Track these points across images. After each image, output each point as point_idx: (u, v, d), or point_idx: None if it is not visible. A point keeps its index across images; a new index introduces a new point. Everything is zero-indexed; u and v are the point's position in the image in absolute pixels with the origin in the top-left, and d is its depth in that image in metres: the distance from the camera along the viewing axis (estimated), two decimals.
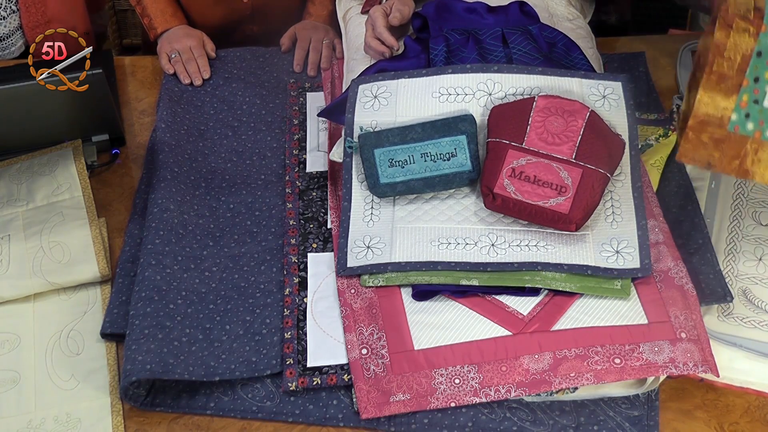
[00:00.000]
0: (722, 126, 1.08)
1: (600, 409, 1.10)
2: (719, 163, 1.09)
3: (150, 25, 1.61)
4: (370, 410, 1.09)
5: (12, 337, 1.21)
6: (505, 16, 1.36)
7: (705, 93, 1.07)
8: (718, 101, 1.08)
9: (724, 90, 1.07)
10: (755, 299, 1.17)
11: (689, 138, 1.09)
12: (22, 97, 1.34)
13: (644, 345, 1.09)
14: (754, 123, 1.08)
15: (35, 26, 1.62)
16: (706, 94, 1.07)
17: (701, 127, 1.08)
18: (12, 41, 1.62)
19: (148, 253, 1.25)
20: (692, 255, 1.20)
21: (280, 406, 1.12)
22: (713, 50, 1.07)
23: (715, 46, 1.06)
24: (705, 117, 1.08)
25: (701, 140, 1.09)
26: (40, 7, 1.60)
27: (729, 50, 1.07)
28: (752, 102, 1.07)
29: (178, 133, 1.45)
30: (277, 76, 1.58)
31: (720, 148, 1.09)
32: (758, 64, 1.07)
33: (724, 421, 1.10)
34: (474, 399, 1.09)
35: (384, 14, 1.34)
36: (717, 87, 1.07)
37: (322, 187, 1.36)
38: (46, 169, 1.39)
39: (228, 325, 1.19)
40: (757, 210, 1.27)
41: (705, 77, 1.07)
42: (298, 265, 1.25)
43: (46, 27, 1.62)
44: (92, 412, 1.13)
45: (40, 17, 1.61)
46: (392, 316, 1.16)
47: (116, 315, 1.21)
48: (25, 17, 1.60)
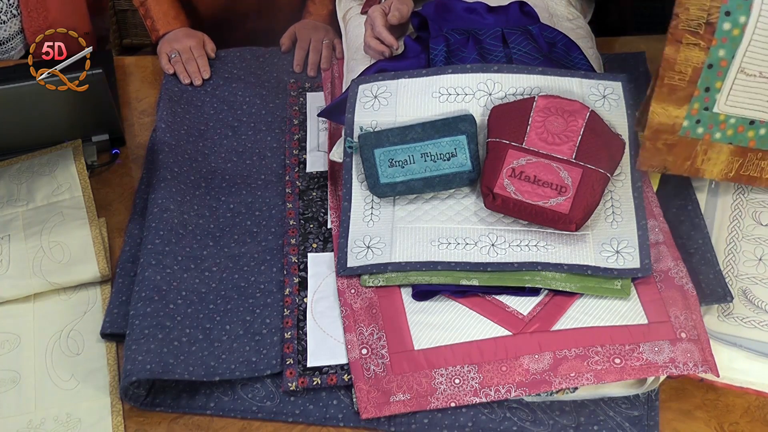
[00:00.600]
0: (674, 132, 1.17)
1: (600, 409, 1.10)
2: (673, 165, 1.19)
3: (152, 27, 1.62)
4: (370, 410, 1.09)
5: (12, 337, 1.21)
6: (505, 16, 1.37)
7: (657, 105, 1.16)
8: (671, 111, 1.16)
9: (675, 101, 1.15)
10: (755, 299, 1.17)
11: (646, 147, 1.18)
12: (22, 97, 1.34)
13: (644, 345, 1.09)
14: (704, 127, 1.16)
15: (37, 31, 1.62)
16: (658, 105, 1.16)
17: (656, 135, 1.17)
18: (12, 45, 1.62)
19: (148, 253, 1.25)
20: (692, 255, 1.20)
21: (280, 406, 1.12)
22: (663, 65, 1.14)
23: (666, 61, 1.14)
24: (658, 126, 1.17)
25: (657, 147, 1.18)
26: (42, 12, 1.60)
27: (679, 64, 1.14)
28: (702, 109, 1.16)
29: (178, 133, 1.45)
30: (277, 76, 1.58)
31: (673, 152, 1.18)
32: (709, 75, 1.14)
33: (724, 421, 1.10)
34: (474, 399, 1.09)
35: (383, 13, 1.34)
36: (668, 98, 1.15)
37: (322, 187, 1.36)
38: (46, 169, 1.39)
39: (228, 325, 1.19)
40: (757, 210, 1.27)
41: (657, 90, 1.15)
42: (298, 265, 1.25)
43: None
44: (92, 412, 1.13)
45: (42, 22, 1.60)
46: (392, 316, 1.16)
47: (116, 315, 1.21)
48: (27, 22, 1.60)
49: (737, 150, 1.18)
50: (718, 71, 1.14)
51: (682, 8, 1.13)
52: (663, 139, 1.18)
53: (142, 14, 1.63)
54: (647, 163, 1.20)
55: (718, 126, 1.17)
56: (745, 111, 1.16)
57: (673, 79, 1.14)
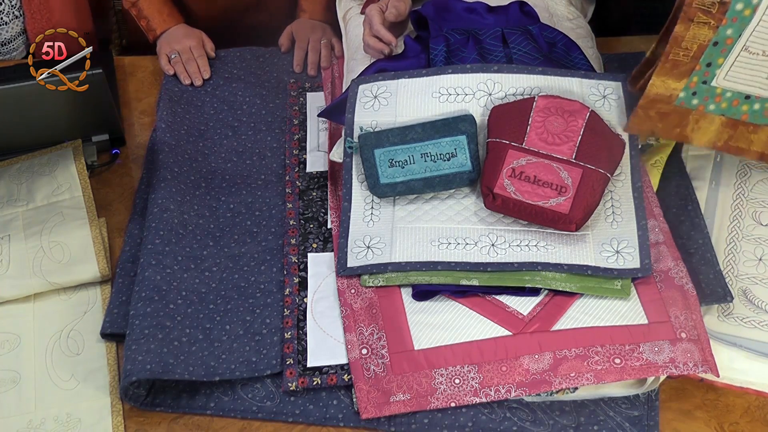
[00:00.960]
0: (669, 103, 1.18)
1: (600, 409, 1.10)
2: (662, 131, 1.21)
3: (148, 27, 1.61)
4: (370, 410, 1.09)
5: (12, 337, 1.21)
6: (505, 16, 1.36)
7: (658, 78, 1.17)
8: (669, 83, 1.17)
9: (676, 75, 1.17)
10: (755, 299, 1.17)
11: (638, 114, 1.19)
12: (22, 97, 1.34)
13: (644, 345, 1.09)
14: (699, 99, 1.18)
15: (40, 32, 1.61)
16: (658, 78, 1.17)
17: (650, 104, 1.18)
18: (14, 46, 1.62)
19: (148, 253, 1.25)
20: (692, 255, 1.20)
21: (280, 406, 1.12)
22: (671, 42, 1.15)
23: (674, 38, 1.15)
24: (655, 96, 1.18)
25: (648, 115, 1.19)
26: (45, 14, 1.60)
27: (687, 41, 1.15)
28: (701, 83, 1.17)
29: (178, 133, 1.45)
30: (277, 76, 1.58)
31: (664, 120, 1.19)
32: (713, 52, 1.15)
33: (724, 421, 1.10)
34: (474, 399, 1.09)
35: (380, 11, 1.34)
36: (670, 72, 1.17)
37: (322, 187, 1.36)
38: (46, 169, 1.39)
39: (228, 325, 1.19)
40: (757, 210, 1.27)
41: (660, 65, 1.16)
42: (298, 265, 1.25)
43: None
44: (92, 412, 1.13)
45: (45, 23, 1.60)
46: (392, 316, 1.16)
47: (116, 315, 1.21)
48: (30, 23, 1.60)
49: (729, 122, 1.19)
50: (722, 48, 1.15)
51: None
52: (657, 108, 1.19)
53: (135, 15, 1.61)
54: (637, 127, 1.21)
55: (713, 98, 1.18)
56: (742, 86, 1.17)
57: (678, 55, 1.16)
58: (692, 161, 1.34)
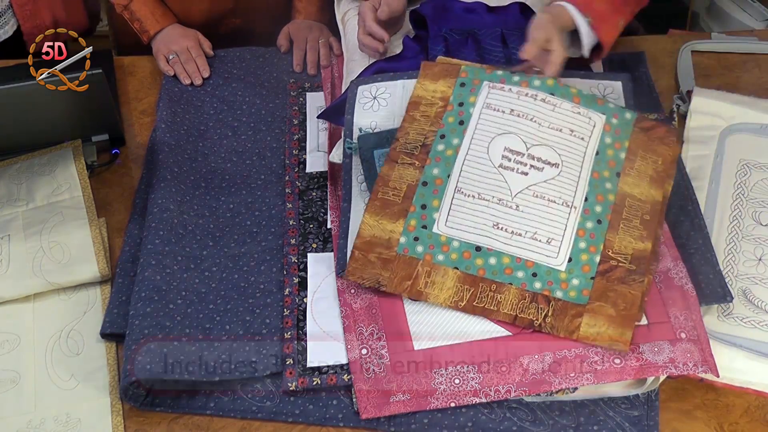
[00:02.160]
0: (390, 248, 1.16)
1: (600, 409, 1.10)
2: (389, 282, 1.15)
3: (142, 29, 1.60)
4: (370, 410, 1.09)
5: (12, 337, 1.21)
6: (504, 17, 1.36)
7: (370, 217, 1.17)
8: (385, 224, 1.17)
9: (390, 215, 1.17)
10: (755, 299, 1.18)
11: (356, 257, 1.16)
12: (22, 97, 1.34)
13: (644, 345, 1.09)
14: (424, 246, 1.15)
15: (24, 4, 1.60)
16: (371, 218, 1.17)
17: (368, 247, 1.16)
18: (5, 20, 1.61)
19: (148, 253, 1.25)
20: (692, 255, 1.20)
21: (280, 406, 1.12)
22: (378, 181, 1.18)
23: (380, 177, 1.18)
24: (371, 238, 1.16)
25: (369, 260, 1.16)
26: None
27: (394, 180, 1.18)
28: (420, 227, 1.16)
29: (178, 133, 1.45)
30: (277, 76, 1.58)
31: (389, 268, 1.15)
32: (424, 192, 1.17)
33: (724, 421, 1.10)
34: (474, 399, 1.09)
35: (373, 9, 1.34)
36: (382, 212, 1.17)
37: (322, 187, 1.36)
38: (46, 169, 1.39)
39: (228, 325, 1.19)
40: (757, 210, 1.27)
41: (370, 203, 1.17)
42: (298, 265, 1.25)
43: (34, 6, 1.61)
44: (92, 412, 1.13)
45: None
46: (392, 316, 1.16)
47: (116, 315, 1.21)
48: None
49: (466, 278, 1.14)
50: (433, 189, 1.17)
51: (403, 133, 1.20)
52: (377, 252, 1.16)
53: (128, 18, 1.60)
54: (357, 273, 1.16)
55: (440, 247, 1.15)
56: (468, 235, 1.15)
57: (387, 194, 1.18)
58: (692, 161, 1.34)
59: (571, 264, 1.14)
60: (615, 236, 1.15)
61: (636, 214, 1.17)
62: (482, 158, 1.18)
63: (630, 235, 1.15)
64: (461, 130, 1.20)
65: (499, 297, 1.13)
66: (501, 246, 1.15)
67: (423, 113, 1.23)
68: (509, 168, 1.17)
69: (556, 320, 1.11)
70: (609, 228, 1.16)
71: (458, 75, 1.25)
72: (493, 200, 1.16)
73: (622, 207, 1.17)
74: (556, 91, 1.22)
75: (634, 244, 1.15)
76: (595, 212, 1.16)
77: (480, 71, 1.25)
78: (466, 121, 1.21)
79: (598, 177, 1.18)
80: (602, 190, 1.18)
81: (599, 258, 1.14)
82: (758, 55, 1.56)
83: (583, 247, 1.14)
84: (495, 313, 1.13)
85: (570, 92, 1.22)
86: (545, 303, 1.12)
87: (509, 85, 1.23)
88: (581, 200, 1.17)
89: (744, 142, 1.36)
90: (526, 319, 1.12)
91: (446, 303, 1.14)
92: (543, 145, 1.19)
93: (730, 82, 1.51)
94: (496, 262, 1.14)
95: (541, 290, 1.13)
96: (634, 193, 1.18)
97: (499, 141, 1.19)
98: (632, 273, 1.13)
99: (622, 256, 1.14)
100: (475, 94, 1.23)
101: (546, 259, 1.14)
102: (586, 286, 1.13)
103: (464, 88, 1.24)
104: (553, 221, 1.16)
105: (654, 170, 1.20)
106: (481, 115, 1.21)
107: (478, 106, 1.22)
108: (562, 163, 1.18)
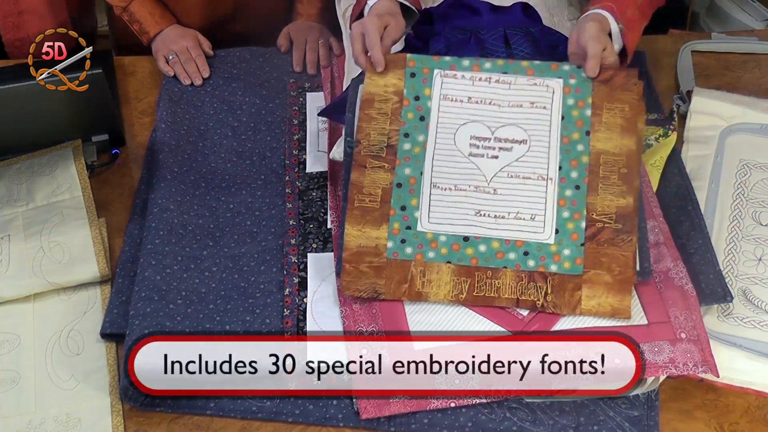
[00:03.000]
0: (379, 254, 1.15)
1: (600, 409, 1.10)
2: (386, 289, 1.15)
3: (141, 30, 1.60)
4: (369, 410, 1.09)
5: (12, 337, 1.21)
6: (507, 17, 1.36)
7: (352, 227, 1.16)
8: (369, 232, 1.15)
9: (371, 222, 1.16)
10: (755, 299, 1.18)
11: (347, 270, 1.15)
12: (22, 97, 1.34)
13: (644, 345, 1.09)
14: (412, 247, 1.15)
15: (7, 16, 1.60)
16: (353, 228, 1.16)
17: (358, 258, 1.15)
18: None
19: (148, 253, 1.25)
20: (692, 255, 1.20)
21: (280, 406, 1.12)
22: (352, 189, 1.17)
23: (353, 185, 1.17)
24: (358, 249, 1.15)
25: (361, 270, 1.15)
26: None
27: (367, 186, 1.17)
28: (405, 228, 1.15)
29: (178, 133, 1.45)
30: (277, 76, 1.58)
31: (383, 275, 1.15)
32: (401, 194, 1.16)
33: (724, 421, 1.10)
34: (474, 399, 1.09)
35: (378, 30, 1.24)
36: (363, 220, 1.16)
37: (322, 187, 1.36)
38: (46, 169, 1.39)
39: (228, 325, 1.19)
40: (757, 210, 1.27)
41: (348, 213, 1.16)
42: (298, 265, 1.25)
43: (19, 18, 1.60)
44: (92, 412, 1.13)
45: (12, 7, 1.58)
46: (392, 316, 1.16)
47: (116, 315, 1.21)
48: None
49: (460, 269, 1.15)
50: (409, 189, 1.17)
51: (363, 134, 1.19)
52: (367, 261, 1.15)
53: (127, 20, 1.60)
54: (352, 287, 1.15)
55: (428, 245, 1.15)
56: (454, 227, 1.16)
57: (364, 201, 1.17)
58: (692, 161, 1.34)
59: (559, 235, 1.15)
60: (596, 198, 1.16)
61: (613, 170, 1.17)
62: (451, 150, 1.19)
63: (610, 193, 1.16)
64: (424, 125, 1.20)
65: (497, 283, 1.14)
66: (487, 232, 1.16)
67: (379, 110, 1.21)
68: (479, 155, 1.18)
69: (557, 297, 1.13)
70: (588, 191, 1.16)
71: (406, 65, 1.23)
72: (470, 189, 1.17)
73: (598, 166, 1.18)
74: (509, 69, 1.23)
75: (617, 201, 1.15)
76: (571, 179, 1.17)
77: (427, 59, 1.24)
78: (426, 116, 1.21)
79: (568, 142, 1.19)
80: (575, 154, 1.18)
81: (584, 223, 1.15)
82: (758, 55, 1.57)
83: (567, 216, 1.16)
84: (497, 299, 1.14)
85: (522, 66, 1.23)
86: (543, 280, 1.14)
87: (461, 71, 1.23)
88: (555, 170, 1.17)
89: (744, 142, 1.36)
90: (528, 302, 1.13)
91: (447, 299, 1.15)
92: (507, 125, 1.20)
93: (730, 82, 1.51)
94: (486, 249, 1.15)
95: (536, 268, 1.14)
96: (607, 149, 1.18)
97: (463, 131, 1.20)
98: (620, 232, 1.14)
99: (606, 216, 1.15)
100: (429, 86, 1.22)
101: (534, 236, 1.15)
102: (578, 254, 1.14)
103: (415, 79, 1.22)
104: (533, 197, 1.17)
105: (622, 118, 1.19)
106: (441, 108, 1.21)
107: (435, 99, 1.21)
108: (530, 138, 1.19)
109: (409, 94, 1.22)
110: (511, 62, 1.23)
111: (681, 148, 1.36)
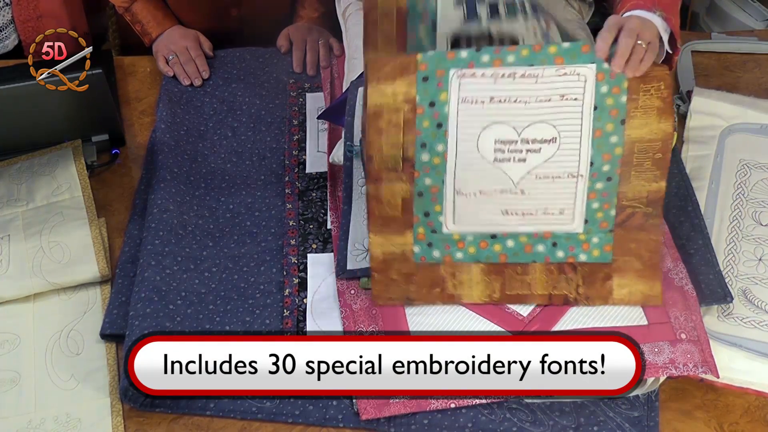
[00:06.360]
0: (407, 260, 1.12)
1: (600, 410, 1.10)
2: (418, 294, 1.12)
3: (143, 31, 1.60)
4: (369, 411, 1.09)
5: (12, 337, 1.21)
6: None
7: (376, 235, 1.12)
8: (394, 239, 1.11)
9: (395, 229, 1.11)
10: (755, 299, 1.18)
11: (377, 279, 1.13)
12: (22, 97, 1.34)
13: (644, 346, 1.09)
14: (440, 249, 1.12)
15: (27, 20, 1.60)
16: (377, 236, 1.12)
17: (385, 266, 1.12)
18: (5, 34, 1.61)
19: (148, 254, 1.25)
20: (692, 255, 1.20)
21: (280, 407, 1.12)
22: (369, 201, 1.11)
23: (371, 197, 1.11)
24: (385, 256, 1.12)
25: (390, 278, 1.12)
26: (32, 2, 1.59)
27: (386, 197, 1.11)
28: (430, 232, 1.11)
29: (177, 133, 1.45)
30: (276, 77, 1.58)
31: (413, 280, 1.12)
32: (423, 202, 1.11)
33: (724, 421, 1.10)
34: (474, 399, 1.09)
35: None
36: (387, 228, 1.11)
37: (322, 188, 1.36)
38: (46, 169, 1.39)
39: (228, 326, 1.19)
40: (757, 210, 1.27)
41: (371, 222, 1.12)
42: (298, 266, 1.25)
43: (38, 22, 1.61)
44: (92, 412, 1.13)
45: (32, 11, 1.60)
46: (392, 317, 1.16)
47: (116, 315, 1.21)
48: (17, 11, 1.59)
49: (490, 268, 1.12)
50: (431, 197, 1.11)
51: (375, 149, 1.11)
52: (396, 268, 1.12)
53: (129, 20, 1.60)
54: (384, 296, 1.12)
55: (455, 245, 1.11)
56: (480, 227, 1.11)
57: (384, 210, 1.11)
58: (692, 161, 1.34)
59: (588, 225, 1.11)
60: (628, 186, 1.10)
61: (647, 156, 1.09)
62: (474, 158, 1.11)
63: (642, 179, 1.10)
64: (441, 133, 1.10)
65: (527, 279, 1.12)
66: (515, 228, 1.12)
67: (389, 122, 1.10)
68: (505, 160, 1.10)
69: (589, 289, 1.10)
70: (620, 181, 1.10)
71: (417, 68, 1.09)
72: (496, 192, 1.12)
73: (632, 155, 1.09)
74: (535, 60, 1.09)
75: (648, 186, 1.10)
76: (603, 173, 1.10)
77: (441, 58, 1.09)
78: (444, 123, 1.10)
79: (601, 134, 1.09)
80: (607, 147, 1.10)
81: (615, 211, 1.10)
82: (758, 55, 1.56)
83: (597, 207, 1.11)
84: (530, 297, 1.12)
85: (549, 54, 1.09)
86: (572, 271, 1.11)
87: (480, 69, 1.09)
88: (587, 167, 1.10)
89: (744, 142, 1.36)
90: (560, 296, 1.11)
91: (480, 299, 1.13)
92: (535, 124, 1.10)
93: (730, 82, 1.51)
94: (515, 244, 1.12)
95: (565, 258, 1.11)
96: (642, 135, 1.09)
97: (487, 135, 1.10)
98: (649, 217, 1.10)
99: (637, 201, 1.10)
100: (445, 89, 1.09)
101: (562, 227, 1.11)
102: (608, 241, 1.10)
103: (428, 83, 1.09)
104: (562, 194, 1.12)
105: (659, 98, 1.08)
106: (460, 112, 1.10)
107: (453, 103, 1.09)
108: (560, 135, 1.10)
109: (423, 100, 1.10)
110: (537, 50, 1.09)
111: (681, 148, 1.36)
